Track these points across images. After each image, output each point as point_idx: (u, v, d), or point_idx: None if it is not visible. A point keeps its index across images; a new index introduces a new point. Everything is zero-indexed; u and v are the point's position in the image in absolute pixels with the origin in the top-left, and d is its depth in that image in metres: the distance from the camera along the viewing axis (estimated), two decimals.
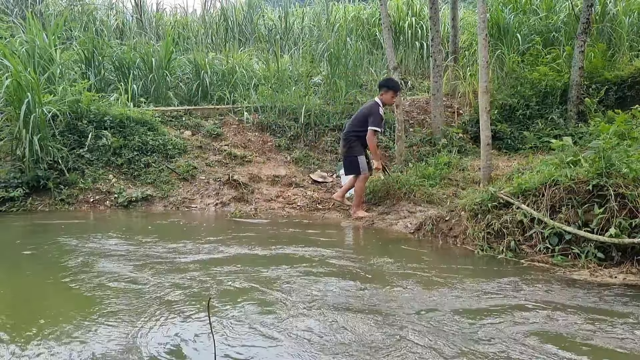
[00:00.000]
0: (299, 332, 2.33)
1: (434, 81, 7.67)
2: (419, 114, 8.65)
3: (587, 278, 3.20)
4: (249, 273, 3.30)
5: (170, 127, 7.64)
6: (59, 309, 2.71)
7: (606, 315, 2.53)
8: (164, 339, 2.25)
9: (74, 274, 3.27)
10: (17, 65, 6.24)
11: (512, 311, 2.59)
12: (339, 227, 5.37)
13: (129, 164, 6.72)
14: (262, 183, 6.82)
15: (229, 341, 2.23)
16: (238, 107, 8.34)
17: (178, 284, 3.04)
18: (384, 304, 2.73)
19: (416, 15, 11.15)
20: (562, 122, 7.23)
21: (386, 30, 7.28)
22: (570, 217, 3.64)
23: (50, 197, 6.13)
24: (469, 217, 4.20)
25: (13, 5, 10.68)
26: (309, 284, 3.07)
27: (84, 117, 6.88)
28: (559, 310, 2.58)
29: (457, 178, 6.22)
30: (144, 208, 6.18)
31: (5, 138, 6.34)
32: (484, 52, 5.46)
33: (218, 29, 12.25)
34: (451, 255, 3.99)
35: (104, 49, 8.62)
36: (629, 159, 3.70)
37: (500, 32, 8.92)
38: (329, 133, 7.91)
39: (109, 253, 3.84)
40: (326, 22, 11.81)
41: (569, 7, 9.02)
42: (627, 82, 7.40)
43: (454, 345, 2.17)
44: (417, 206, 5.59)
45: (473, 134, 7.61)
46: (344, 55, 8.74)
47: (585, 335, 2.28)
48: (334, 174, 7.27)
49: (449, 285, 3.08)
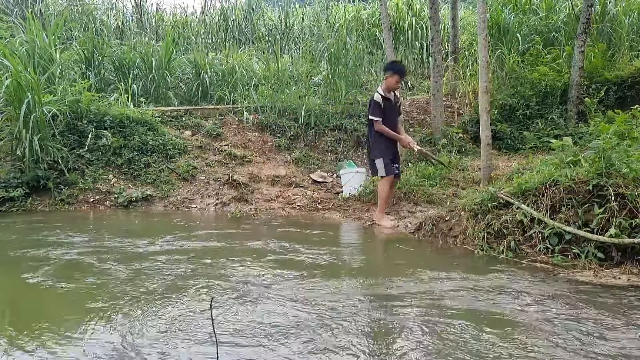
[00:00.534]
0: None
1: (434, 81, 7.67)
2: (419, 114, 8.65)
3: (592, 280, 3.18)
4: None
5: (170, 127, 7.64)
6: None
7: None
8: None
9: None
10: (17, 65, 6.23)
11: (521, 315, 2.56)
12: (339, 227, 5.37)
13: (129, 164, 6.72)
14: (262, 183, 6.82)
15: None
16: (238, 107, 8.34)
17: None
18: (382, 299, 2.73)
19: (416, 15, 11.16)
20: (562, 122, 7.23)
21: (386, 30, 7.28)
22: (570, 217, 3.64)
23: (50, 197, 6.13)
24: (469, 217, 4.20)
25: (13, 5, 10.68)
26: (296, 283, 3.07)
27: (84, 117, 6.88)
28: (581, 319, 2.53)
29: (457, 178, 6.23)
30: (144, 208, 6.18)
31: (5, 138, 6.34)
32: (484, 52, 5.46)
33: (218, 29, 12.26)
34: (450, 254, 3.99)
35: (104, 49, 8.62)
36: (629, 159, 3.70)
37: (500, 32, 8.92)
38: (329, 133, 7.91)
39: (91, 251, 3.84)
40: (326, 22, 11.81)
41: (569, 7, 9.02)
42: (627, 82, 7.41)
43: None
44: (417, 206, 5.60)
45: (473, 134, 7.61)
46: (344, 55, 8.74)
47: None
48: (334, 174, 7.27)
49: (450, 285, 3.08)
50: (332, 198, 6.45)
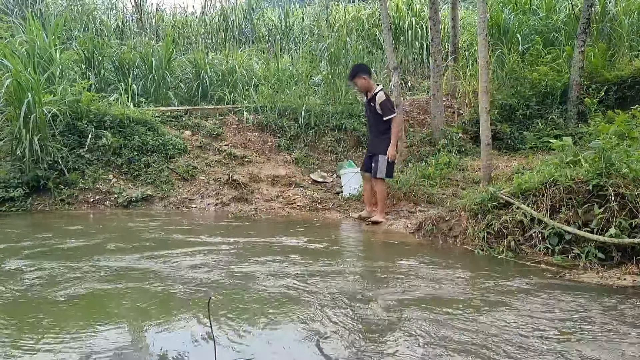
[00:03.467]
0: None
1: (434, 81, 7.67)
2: (419, 114, 8.65)
3: (599, 281, 3.16)
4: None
5: (170, 127, 7.64)
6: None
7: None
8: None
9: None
10: (17, 65, 6.23)
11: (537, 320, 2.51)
12: (338, 227, 5.37)
13: (129, 164, 6.72)
14: (262, 183, 6.82)
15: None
16: (238, 107, 8.34)
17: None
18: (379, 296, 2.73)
19: (416, 15, 11.16)
20: (562, 122, 7.23)
21: (386, 30, 7.28)
22: (570, 217, 3.64)
23: (50, 197, 6.13)
24: (469, 217, 4.20)
25: (13, 5, 10.68)
26: (287, 281, 3.07)
27: (84, 117, 6.87)
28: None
29: (457, 178, 6.22)
30: (144, 208, 6.18)
31: (5, 138, 6.34)
32: (484, 52, 5.45)
33: (218, 29, 12.26)
34: (450, 254, 3.99)
35: (104, 49, 8.62)
36: (629, 159, 3.70)
37: (500, 32, 8.93)
38: (329, 133, 7.91)
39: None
40: (326, 22, 11.81)
41: (569, 7, 9.02)
42: (627, 82, 7.41)
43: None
44: (417, 206, 5.59)
45: (473, 134, 7.61)
46: (344, 55, 8.75)
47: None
48: (334, 174, 7.27)
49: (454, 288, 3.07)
50: (332, 198, 6.46)
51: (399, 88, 7.18)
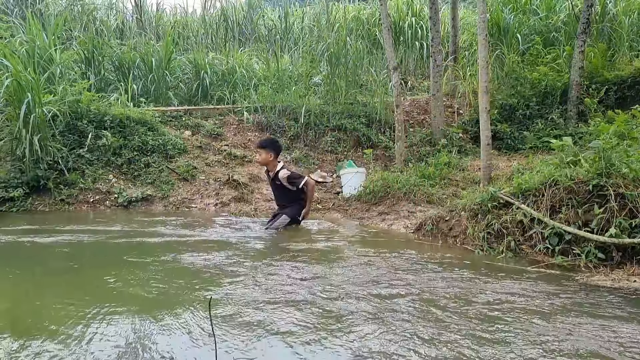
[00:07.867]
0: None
1: (434, 81, 7.67)
2: (419, 114, 8.65)
3: (608, 283, 3.12)
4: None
5: (170, 127, 7.64)
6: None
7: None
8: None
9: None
10: (17, 65, 6.24)
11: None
12: (338, 227, 5.37)
13: (129, 164, 6.72)
14: (262, 183, 6.82)
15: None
16: (238, 107, 8.34)
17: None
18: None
19: (416, 15, 11.17)
20: (562, 122, 7.24)
21: (386, 30, 7.28)
22: (570, 217, 3.64)
23: (50, 197, 6.13)
24: (469, 217, 4.20)
25: (13, 5, 10.68)
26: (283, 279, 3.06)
27: (84, 117, 6.88)
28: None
29: (457, 178, 6.22)
30: (144, 208, 6.18)
31: (5, 138, 6.34)
32: (484, 52, 5.46)
33: (218, 29, 12.27)
34: (450, 254, 3.99)
35: (104, 49, 8.63)
36: (629, 159, 3.70)
37: (500, 32, 8.93)
38: (329, 133, 7.91)
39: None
40: (326, 22, 11.81)
41: (569, 7, 9.03)
42: (627, 82, 7.41)
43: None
44: (417, 206, 5.59)
45: (473, 134, 7.61)
46: (344, 55, 8.75)
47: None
48: (334, 174, 7.27)
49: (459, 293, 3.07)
50: (332, 198, 6.46)
51: (399, 88, 7.18)
